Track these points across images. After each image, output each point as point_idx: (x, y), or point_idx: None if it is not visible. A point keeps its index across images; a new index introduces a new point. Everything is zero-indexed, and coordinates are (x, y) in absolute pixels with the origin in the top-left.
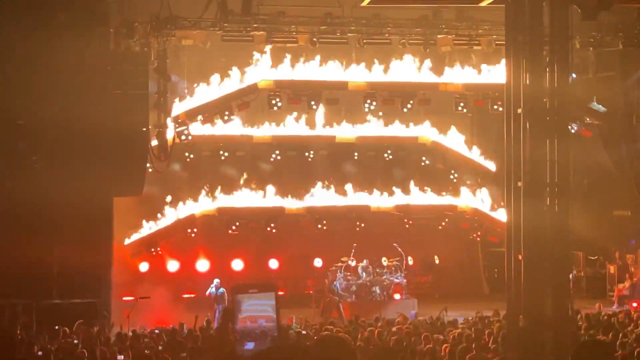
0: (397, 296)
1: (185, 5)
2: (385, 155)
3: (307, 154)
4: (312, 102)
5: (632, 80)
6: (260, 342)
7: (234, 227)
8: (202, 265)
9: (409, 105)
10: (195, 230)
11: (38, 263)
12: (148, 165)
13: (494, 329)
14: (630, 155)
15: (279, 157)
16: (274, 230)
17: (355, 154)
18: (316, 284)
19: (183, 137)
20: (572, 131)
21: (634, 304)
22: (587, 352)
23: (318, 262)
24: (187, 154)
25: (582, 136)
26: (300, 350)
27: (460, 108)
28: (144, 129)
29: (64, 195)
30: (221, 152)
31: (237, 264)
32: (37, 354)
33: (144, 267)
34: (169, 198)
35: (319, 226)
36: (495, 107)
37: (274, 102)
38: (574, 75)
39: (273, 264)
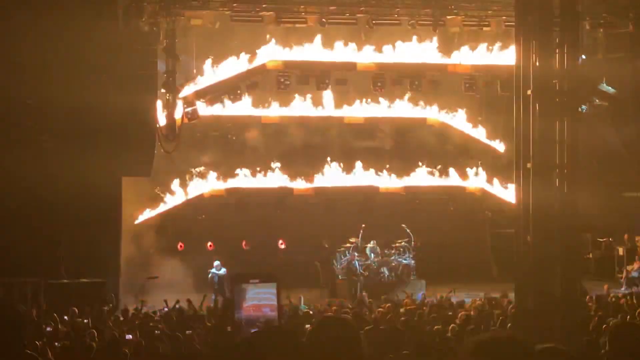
0: (405, 277)
1: None
2: (394, 136)
3: (315, 135)
4: (321, 83)
5: None
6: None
7: (242, 208)
8: (210, 245)
9: (417, 87)
10: (203, 210)
11: (47, 242)
12: (157, 145)
13: (502, 310)
14: None
15: (287, 138)
16: (282, 211)
17: (364, 135)
18: (324, 264)
19: (191, 118)
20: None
21: None
22: (626, 334)
23: (326, 243)
24: (195, 134)
25: (591, 117)
26: (293, 332)
27: (469, 89)
28: (153, 109)
29: (72, 174)
30: (231, 134)
31: (245, 245)
32: (46, 332)
33: (152, 247)
34: (177, 178)
35: (327, 207)
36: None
37: (282, 82)
38: (583, 57)
39: (280, 244)
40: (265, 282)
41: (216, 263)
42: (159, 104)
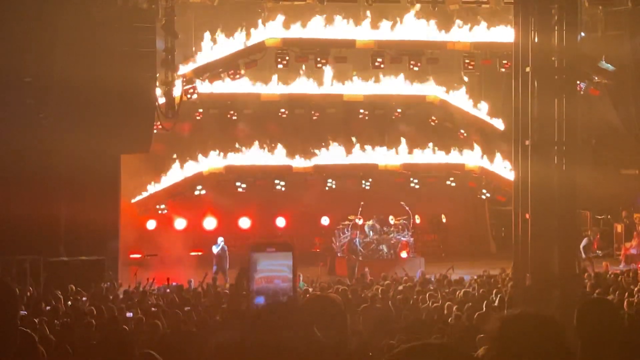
0: (404, 254)
1: None
2: (393, 114)
3: (314, 112)
4: (320, 60)
5: None
6: (271, 298)
7: (241, 185)
8: (210, 223)
9: (417, 65)
10: (202, 188)
11: (46, 220)
12: (156, 122)
13: (500, 288)
14: (639, 114)
15: (285, 116)
16: (282, 189)
17: (363, 112)
18: (323, 242)
19: (190, 95)
20: (580, 90)
21: None
22: (594, 310)
23: (325, 221)
24: (194, 112)
25: (590, 95)
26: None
27: (468, 67)
28: (151, 87)
29: (71, 152)
30: (230, 111)
31: (244, 222)
32: (45, 310)
33: (151, 224)
34: (176, 156)
35: (327, 185)
36: (503, 69)
37: (281, 60)
38: (582, 34)
39: (280, 222)
40: (281, 252)
41: (220, 240)
42: (158, 81)
